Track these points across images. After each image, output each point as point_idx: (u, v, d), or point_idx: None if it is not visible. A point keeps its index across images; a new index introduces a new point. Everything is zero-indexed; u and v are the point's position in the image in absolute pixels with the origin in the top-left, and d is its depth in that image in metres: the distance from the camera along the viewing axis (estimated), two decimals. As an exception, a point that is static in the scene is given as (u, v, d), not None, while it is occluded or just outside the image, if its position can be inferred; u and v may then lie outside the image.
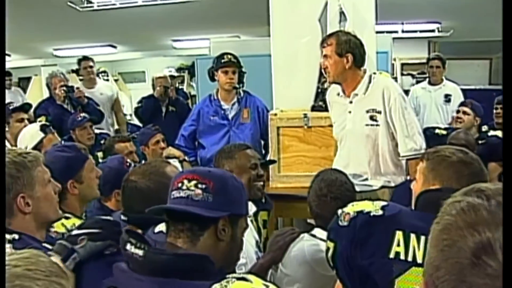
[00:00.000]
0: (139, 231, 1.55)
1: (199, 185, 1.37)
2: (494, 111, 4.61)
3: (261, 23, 4.18)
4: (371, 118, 2.98)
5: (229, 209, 1.39)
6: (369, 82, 3.01)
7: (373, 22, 3.63)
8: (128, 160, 2.73)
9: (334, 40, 2.99)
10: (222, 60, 3.94)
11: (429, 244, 0.80)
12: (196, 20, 6.89)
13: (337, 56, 2.97)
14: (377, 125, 2.97)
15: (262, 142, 4.03)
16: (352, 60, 2.96)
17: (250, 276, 1.22)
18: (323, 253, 1.80)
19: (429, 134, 4.24)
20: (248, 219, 2.41)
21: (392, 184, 3.03)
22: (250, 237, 2.38)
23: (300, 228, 2.42)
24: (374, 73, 3.11)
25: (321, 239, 2.10)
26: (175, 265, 1.25)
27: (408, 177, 2.99)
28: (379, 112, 2.96)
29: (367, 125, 2.99)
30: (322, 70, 3.12)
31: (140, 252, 1.26)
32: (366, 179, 3.04)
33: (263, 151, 3.92)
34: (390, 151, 3.02)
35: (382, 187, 3.03)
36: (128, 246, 1.29)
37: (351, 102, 3.04)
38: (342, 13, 3.53)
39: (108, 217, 1.76)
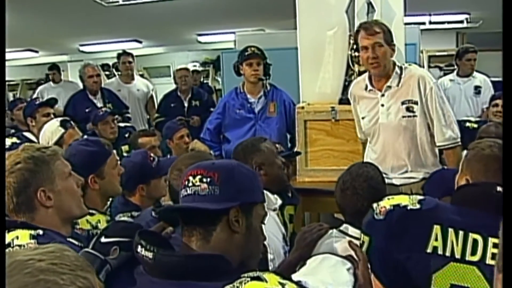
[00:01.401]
0: (171, 228, 1.52)
1: (204, 179, 1.32)
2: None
3: (286, 16, 4.15)
4: (408, 109, 2.92)
5: (238, 198, 1.33)
6: (401, 73, 2.95)
7: (402, 13, 3.56)
8: (152, 155, 2.71)
9: (381, 28, 2.90)
10: (246, 53, 3.92)
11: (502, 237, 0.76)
12: (221, 14, 6.87)
13: (387, 44, 2.89)
14: (414, 116, 2.92)
15: (289, 136, 4.00)
16: (394, 50, 2.94)
17: (266, 275, 1.17)
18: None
19: (460, 127, 4.14)
20: (274, 213, 2.41)
21: None
22: (277, 232, 2.36)
23: (327, 223, 2.38)
24: (403, 65, 3.04)
25: (350, 236, 2.06)
26: (187, 267, 1.21)
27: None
28: (416, 103, 2.91)
29: (404, 116, 2.93)
30: (362, 61, 3.01)
31: (150, 255, 1.24)
32: (406, 171, 2.99)
33: (290, 145, 3.89)
34: (429, 142, 2.98)
35: (423, 179, 2.95)
36: (139, 249, 1.26)
37: (383, 95, 2.97)
38: (370, 4, 3.47)
39: (132, 220, 1.73)
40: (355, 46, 3.43)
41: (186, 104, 5.44)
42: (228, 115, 4.07)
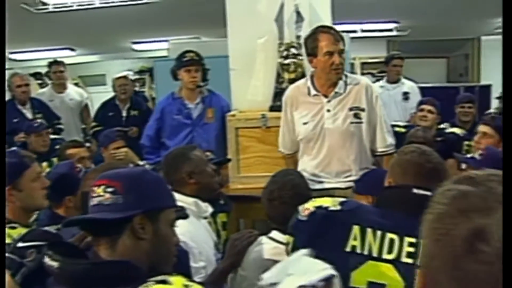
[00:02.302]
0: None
1: (108, 189, 1.34)
2: (460, 109, 4.65)
3: (222, 24, 4.16)
4: (356, 115, 2.98)
5: (141, 206, 1.34)
6: (346, 80, 3.00)
7: (330, 22, 3.65)
8: (79, 166, 2.66)
9: (340, 36, 2.95)
10: (184, 59, 3.88)
11: (423, 236, 0.79)
12: (156, 22, 6.82)
13: (343, 53, 2.96)
14: (361, 122, 2.98)
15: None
16: None
17: (172, 278, 1.20)
18: (283, 256, 1.81)
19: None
20: (205, 221, 2.42)
21: None
22: (208, 239, 2.37)
23: (262, 229, 2.41)
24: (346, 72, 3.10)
25: (279, 242, 2.09)
26: (92, 275, 1.23)
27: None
28: (363, 110, 2.97)
29: (352, 122, 2.97)
30: (337, 67, 2.94)
31: (56, 264, 1.24)
32: (350, 175, 3.00)
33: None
34: (369, 148, 3.06)
35: None
36: (46, 259, 1.27)
37: (329, 101, 2.99)
38: (298, 13, 3.54)
39: (50, 229, 1.70)
40: (285, 54, 3.50)
41: (124, 114, 5.31)
42: (166, 121, 4.00)
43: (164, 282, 1.17)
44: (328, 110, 2.99)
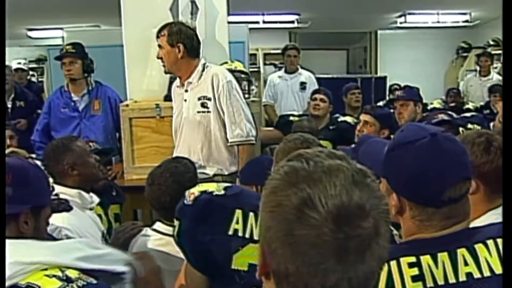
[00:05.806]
0: None
1: None
2: (351, 95, 4.86)
3: (119, 13, 4.08)
4: (202, 105, 3.07)
5: (30, 200, 1.35)
6: (203, 70, 3.10)
7: (225, 12, 3.69)
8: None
9: (166, 31, 3.06)
10: (61, 52, 3.86)
11: (260, 210, 0.87)
12: (51, 8, 6.55)
13: (169, 46, 3.04)
14: (208, 111, 3.07)
15: (117, 134, 3.93)
16: (184, 50, 3.03)
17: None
18: (167, 247, 1.83)
19: (283, 121, 4.43)
20: (91, 212, 2.38)
21: (225, 172, 3.13)
22: (94, 230, 2.34)
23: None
24: (207, 64, 3.16)
25: (162, 233, 2.10)
26: None
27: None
28: (209, 99, 3.06)
29: (198, 112, 3.08)
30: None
31: None
32: (200, 167, 3.03)
33: (118, 144, 3.82)
34: (223, 138, 3.11)
35: (215, 175, 3.09)
36: None
37: (186, 90, 3.12)
38: (193, 2, 3.55)
39: None
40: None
41: (9, 105, 5.06)
42: (54, 115, 3.93)
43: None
44: (185, 100, 3.14)
